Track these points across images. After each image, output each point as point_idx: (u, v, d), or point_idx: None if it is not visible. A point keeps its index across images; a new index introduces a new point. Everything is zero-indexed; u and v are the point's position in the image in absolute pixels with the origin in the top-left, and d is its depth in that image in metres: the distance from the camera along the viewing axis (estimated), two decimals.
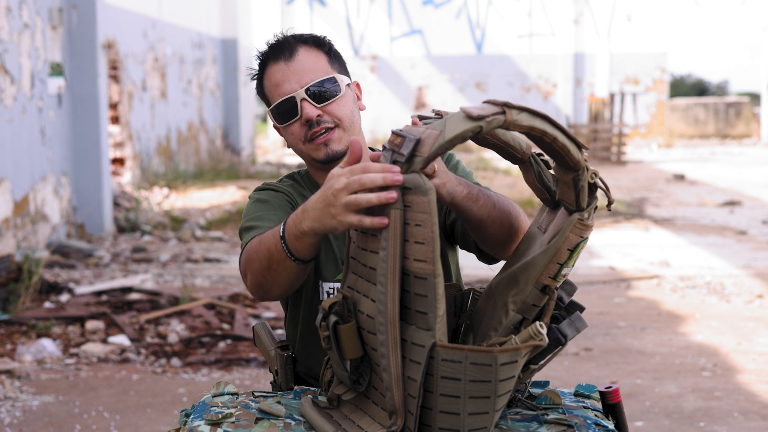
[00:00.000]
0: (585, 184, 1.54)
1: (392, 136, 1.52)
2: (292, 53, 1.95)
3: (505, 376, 1.45)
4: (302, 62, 1.94)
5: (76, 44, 8.91)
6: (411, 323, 1.48)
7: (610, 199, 1.58)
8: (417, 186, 1.44)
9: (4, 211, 7.40)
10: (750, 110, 26.06)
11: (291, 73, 1.94)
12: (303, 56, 1.95)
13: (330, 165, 1.95)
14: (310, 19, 23.20)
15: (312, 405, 1.65)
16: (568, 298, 1.63)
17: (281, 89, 1.94)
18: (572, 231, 1.54)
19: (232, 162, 15.60)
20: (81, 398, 4.37)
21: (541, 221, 1.65)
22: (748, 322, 5.63)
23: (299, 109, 1.92)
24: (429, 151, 1.46)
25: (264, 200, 1.98)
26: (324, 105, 1.93)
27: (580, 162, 1.52)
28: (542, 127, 1.48)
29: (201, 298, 6.09)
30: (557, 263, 1.55)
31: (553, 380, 4.51)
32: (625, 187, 13.49)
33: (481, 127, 1.44)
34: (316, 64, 1.95)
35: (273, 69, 1.96)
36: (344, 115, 1.94)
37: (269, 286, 1.78)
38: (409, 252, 1.45)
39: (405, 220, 1.46)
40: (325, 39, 2.01)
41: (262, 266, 1.75)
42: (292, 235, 1.65)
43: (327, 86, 1.94)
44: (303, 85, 1.93)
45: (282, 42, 1.98)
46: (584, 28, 23.13)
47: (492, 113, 1.45)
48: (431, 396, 1.47)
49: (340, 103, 1.95)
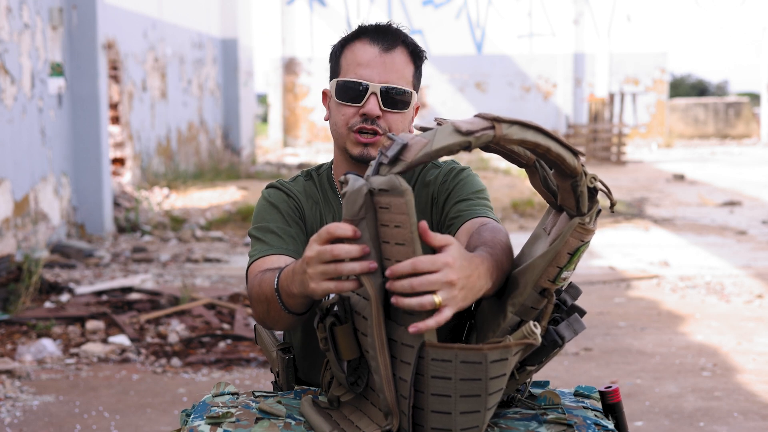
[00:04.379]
0: (584, 190, 1.54)
1: (385, 138, 1.53)
2: (392, 46, 1.92)
3: (495, 373, 1.45)
4: (395, 60, 1.91)
5: (76, 44, 8.91)
6: (401, 324, 1.48)
7: (612, 201, 1.58)
8: (393, 187, 1.43)
9: (4, 211, 7.40)
10: (750, 110, 26.06)
11: (380, 62, 1.90)
12: (398, 55, 1.92)
13: (358, 164, 1.94)
14: (310, 19, 23.20)
15: (312, 405, 1.65)
16: (571, 301, 1.63)
17: (362, 71, 1.90)
18: (573, 235, 1.54)
19: (233, 162, 15.60)
20: (81, 398, 4.37)
21: (546, 223, 1.65)
22: (748, 322, 5.64)
23: (365, 100, 1.89)
24: (413, 158, 1.46)
25: (275, 205, 1.97)
26: (388, 110, 1.90)
27: (576, 168, 1.52)
28: (534, 140, 1.47)
29: (201, 298, 6.10)
30: (557, 267, 1.55)
31: (553, 380, 4.51)
32: (625, 187, 13.49)
33: (469, 142, 1.44)
34: (404, 69, 1.92)
35: (365, 48, 1.92)
36: (397, 130, 1.92)
37: (271, 325, 1.78)
38: (390, 254, 1.45)
39: (383, 222, 1.45)
40: (423, 53, 1.98)
41: (262, 309, 1.74)
42: (285, 293, 1.64)
43: (401, 96, 1.91)
44: (383, 81, 1.89)
45: (389, 29, 1.94)
46: (584, 28, 23.14)
47: (481, 128, 1.45)
48: (422, 396, 1.47)
49: (402, 117, 1.92)
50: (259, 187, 12.24)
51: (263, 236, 1.91)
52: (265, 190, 2.02)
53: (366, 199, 1.45)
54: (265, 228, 1.92)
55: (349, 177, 1.52)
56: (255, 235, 1.93)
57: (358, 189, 1.46)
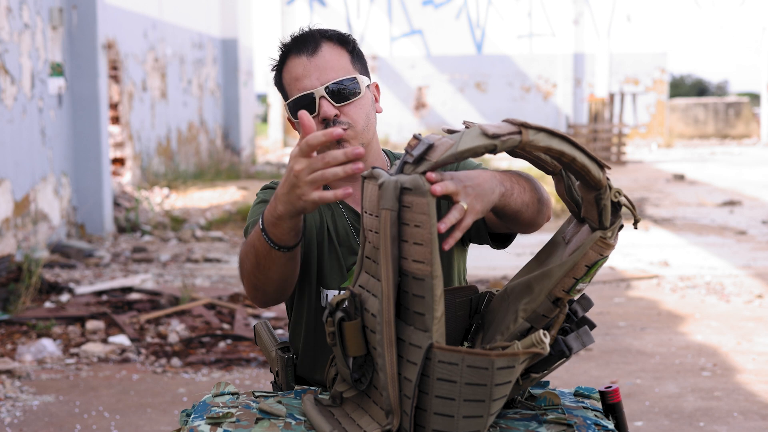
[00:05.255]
0: (608, 203, 1.54)
1: (412, 138, 1.54)
2: (316, 48, 1.92)
3: (501, 380, 1.45)
4: (325, 58, 1.92)
5: (76, 44, 8.92)
6: (410, 323, 1.48)
7: (636, 218, 1.57)
8: (417, 187, 1.44)
9: (4, 211, 7.40)
10: (750, 110, 26.06)
11: (312, 68, 1.91)
12: (326, 52, 1.92)
13: None
14: (310, 19, 23.18)
15: (314, 403, 1.65)
16: (582, 312, 1.63)
17: (301, 84, 1.91)
18: (592, 248, 1.54)
19: (233, 162, 15.60)
20: (81, 398, 4.37)
21: (566, 231, 1.65)
22: (748, 322, 5.64)
23: (317, 107, 1.89)
24: (438, 158, 1.47)
25: (267, 201, 1.98)
26: (342, 105, 1.90)
27: (601, 181, 1.52)
28: (560, 148, 1.48)
29: (201, 298, 6.10)
30: (573, 278, 1.55)
31: (553, 380, 4.51)
32: (625, 187, 13.49)
33: (495, 146, 1.46)
34: (338, 62, 1.92)
35: (294, 62, 1.93)
36: (360, 117, 1.92)
37: (263, 284, 1.78)
38: (407, 252, 1.46)
39: (404, 221, 1.46)
40: (349, 37, 1.98)
41: (251, 264, 1.77)
42: (270, 224, 1.69)
43: (347, 85, 1.91)
44: (323, 82, 1.90)
45: (306, 36, 1.95)
46: (584, 28, 23.13)
47: (508, 132, 1.46)
48: (426, 397, 1.47)
49: (358, 104, 1.92)
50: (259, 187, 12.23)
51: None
52: (260, 191, 2.03)
53: (397, 193, 1.46)
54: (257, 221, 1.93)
55: (376, 171, 1.54)
56: (247, 229, 1.95)
57: (394, 182, 1.46)
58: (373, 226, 1.54)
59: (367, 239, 1.59)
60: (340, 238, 1.97)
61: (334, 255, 1.97)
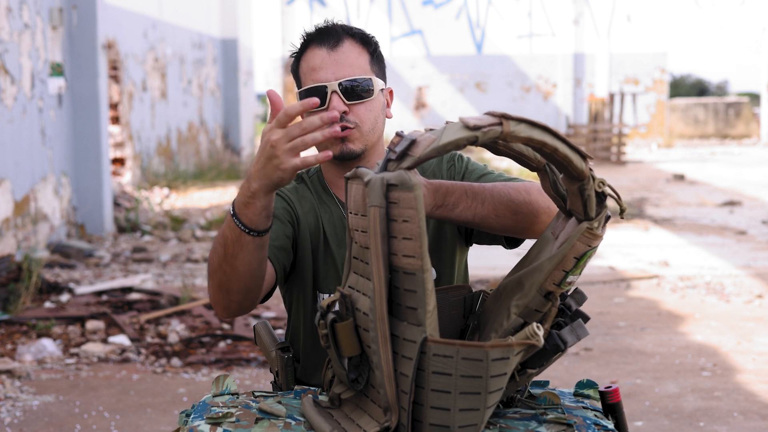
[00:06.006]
0: (591, 194, 1.54)
1: (395, 136, 1.55)
2: (338, 43, 1.93)
3: (496, 372, 1.46)
4: (344, 54, 1.92)
5: (76, 44, 8.91)
6: (402, 319, 1.49)
7: (622, 207, 1.58)
8: (403, 182, 1.45)
9: (4, 211, 7.40)
10: (750, 110, 26.06)
11: (331, 62, 1.91)
12: (347, 49, 1.93)
13: (343, 162, 1.95)
14: (310, 19, 23.19)
15: (313, 404, 1.65)
16: (575, 306, 1.63)
17: (316, 75, 1.91)
18: (580, 239, 1.55)
19: (233, 162, 15.60)
20: (81, 398, 4.37)
21: (555, 227, 1.66)
22: (748, 322, 5.64)
23: (328, 100, 1.89)
24: (421, 153, 1.48)
25: None
26: (353, 103, 1.90)
27: (584, 171, 1.52)
28: (541, 138, 1.48)
29: (201, 298, 6.10)
30: (563, 270, 1.55)
31: (553, 380, 4.51)
32: (624, 187, 13.49)
33: (476, 137, 1.46)
34: (357, 60, 1.93)
35: (314, 53, 1.93)
36: (368, 119, 1.92)
37: (227, 280, 1.74)
38: (397, 248, 1.46)
39: (392, 217, 1.47)
40: (372, 39, 1.99)
41: (219, 257, 1.73)
42: (242, 204, 1.67)
43: (361, 84, 1.91)
44: (338, 77, 1.90)
45: (330, 29, 1.95)
46: (584, 28, 23.14)
47: (489, 124, 1.47)
48: (422, 391, 1.48)
49: (369, 105, 1.92)
50: None
51: None
52: None
53: (384, 190, 1.47)
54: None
55: (360, 171, 1.54)
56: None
57: (380, 179, 1.47)
58: (360, 226, 1.54)
59: (353, 239, 1.59)
60: (338, 240, 1.97)
61: (329, 258, 1.96)
